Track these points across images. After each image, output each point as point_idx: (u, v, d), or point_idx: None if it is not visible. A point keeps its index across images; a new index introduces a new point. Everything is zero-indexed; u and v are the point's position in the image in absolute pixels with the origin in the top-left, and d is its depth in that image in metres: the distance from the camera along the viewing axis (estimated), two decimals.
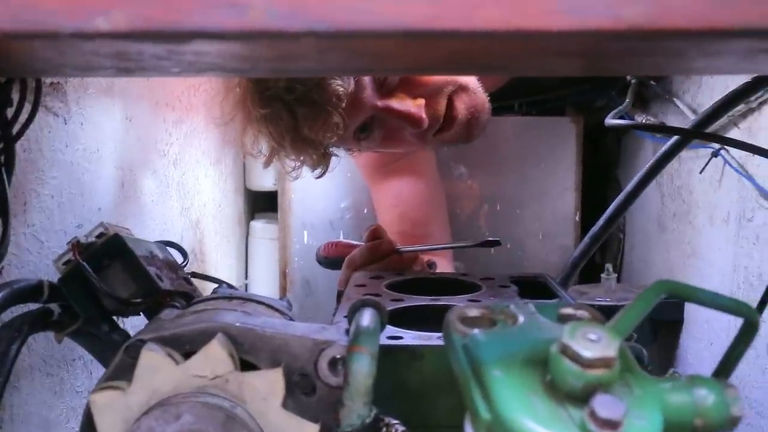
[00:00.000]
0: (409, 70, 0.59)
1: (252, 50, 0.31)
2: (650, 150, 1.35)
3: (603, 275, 1.27)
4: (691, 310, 1.22)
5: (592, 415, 0.30)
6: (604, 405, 0.30)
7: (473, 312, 0.39)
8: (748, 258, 0.99)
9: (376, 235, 1.00)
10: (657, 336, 1.23)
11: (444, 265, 1.17)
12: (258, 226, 1.65)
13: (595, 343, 0.31)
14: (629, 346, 0.51)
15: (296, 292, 1.45)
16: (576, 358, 0.31)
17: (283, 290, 1.47)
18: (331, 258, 1.12)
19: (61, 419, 0.74)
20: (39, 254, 0.70)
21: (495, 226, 1.42)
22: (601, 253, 1.63)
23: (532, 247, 1.44)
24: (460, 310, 0.39)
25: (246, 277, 1.65)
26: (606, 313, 0.40)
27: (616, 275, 1.28)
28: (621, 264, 1.58)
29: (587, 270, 1.48)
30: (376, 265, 0.97)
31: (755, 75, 0.82)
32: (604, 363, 0.31)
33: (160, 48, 0.31)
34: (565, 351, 0.31)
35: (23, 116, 0.62)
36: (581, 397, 0.31)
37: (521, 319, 0.39)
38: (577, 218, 1.43)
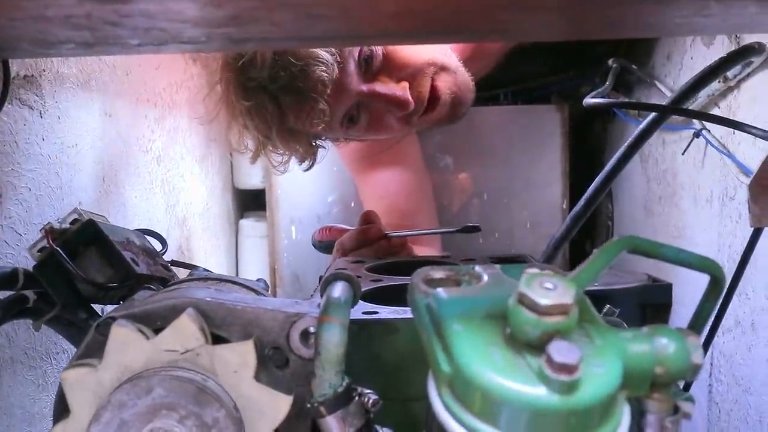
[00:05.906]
0: (371, 38, 0.59)
1: (200, 9, 0.31)
2: None
3: None
4: (679, 293, 1.22)
5: (549, 361, 0.30)
6: (559, 350, 0.30)
7: (438, 274, 0.39)
8: (732, 236, 0.99)
9: (367, 219, 1.00)
10: (645, 319, 1.22)
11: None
12: (247, 224, 1.65)
13: (551, 291, 0.31)
14: (608, 321, 0.51)
15: (286, 288, 1.45)
16: (532, 307, 0.31)
17: (274, 287, 1.47)
18: (325, 242, 1.12)
19: (45, 412, 0.74)
20: (17, 246, 0.70)
21: (483, 215, 1.42)
22: (590, 241, 1.63)
23: (521, 236, 1.44)
24: (424, 271, 0.39)
25: (237, 276, 1.65)
26: (594, 299, 0.40)
27: None
28: None
29: (579, 259, 1.48)
30: (365, 249, 0.96)
31: (729, 51, 0.83)
32: (560, 310, 0.31)
33: (106, 9, 0.31)
34: (522, 300, 0.32)
35: None
36: (539, 346, 0.31)
37: (485, 278, 0.39)
38: (564, 206, 1.43)
